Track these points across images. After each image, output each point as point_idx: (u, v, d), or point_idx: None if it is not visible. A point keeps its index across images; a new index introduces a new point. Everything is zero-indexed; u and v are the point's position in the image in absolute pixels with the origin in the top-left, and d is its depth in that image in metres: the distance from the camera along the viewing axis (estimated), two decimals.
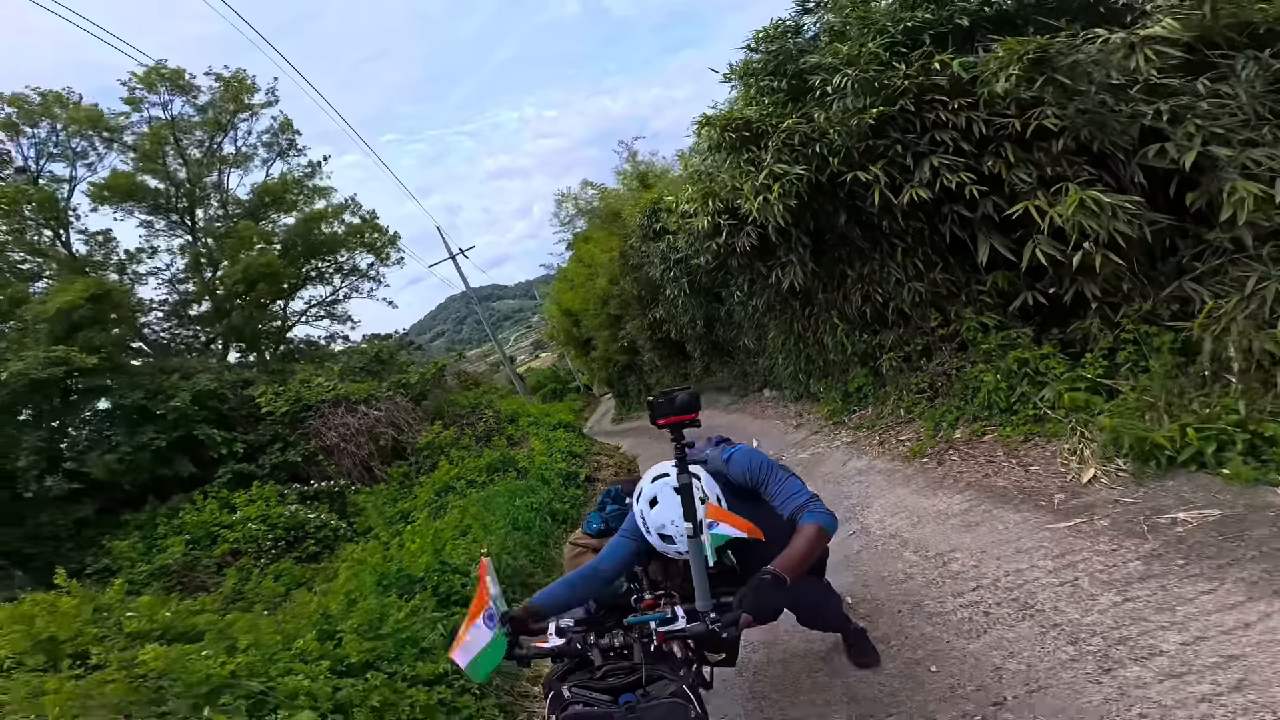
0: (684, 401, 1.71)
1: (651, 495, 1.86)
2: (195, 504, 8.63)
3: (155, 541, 8.26)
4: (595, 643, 1.65)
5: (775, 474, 2.00)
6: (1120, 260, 4.00)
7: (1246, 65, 3.89)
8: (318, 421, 9.45)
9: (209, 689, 2.43)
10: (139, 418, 9.14)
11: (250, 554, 7.91)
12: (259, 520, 8.24)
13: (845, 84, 5.05)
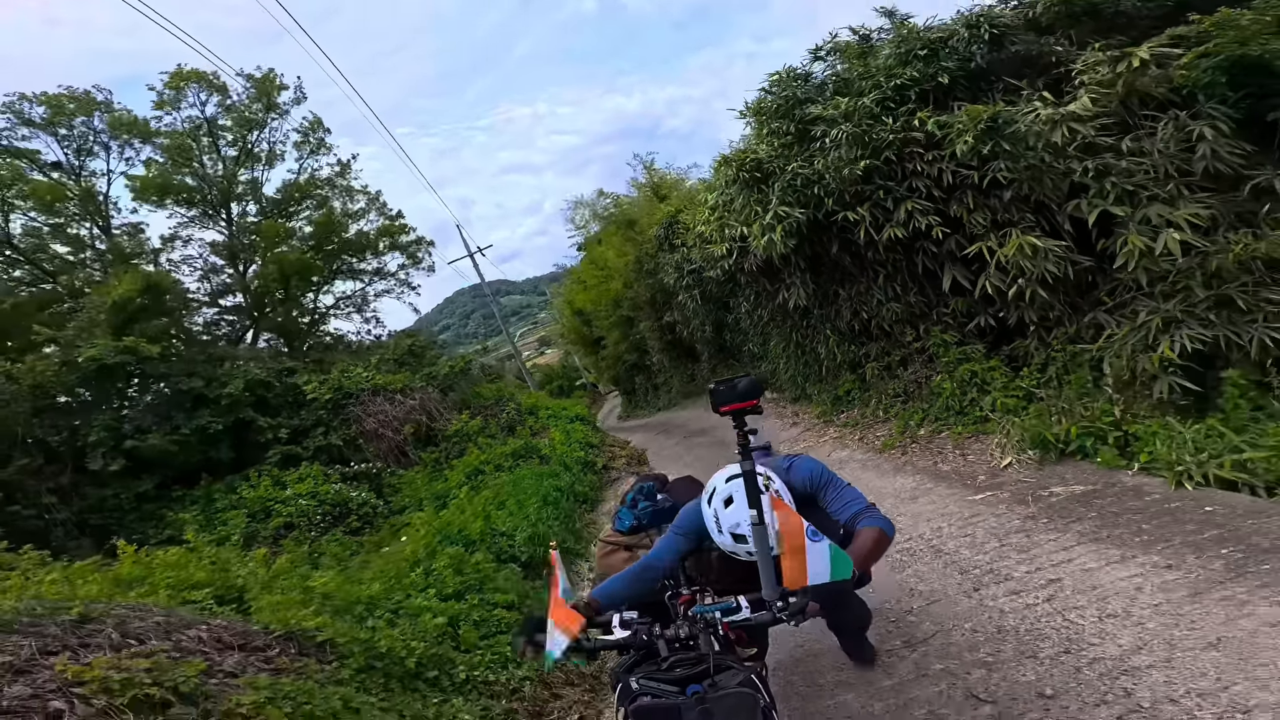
0: (746, 388, 1.70)
1: (727, 494, 1.88)
2: (250, 481, 9.76)
3: (215, 514, 9.40)
4: (661, 634, 1.64)
5: (835, 481, 2.07)
6: (1046, 294, 5.05)
7: (1166, 126, 4.90)
8: (358, 409, 10.58)
9: (363, 605, 3.50)
10: (195, 403, 10.30)
11: (302, 526, 9.02)
12: (309, 496, 9.36)
13: (841, 136, 6.10)
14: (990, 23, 6.09)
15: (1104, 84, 5.08)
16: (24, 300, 11.67)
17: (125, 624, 2.38)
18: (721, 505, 1.88)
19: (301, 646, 2.76)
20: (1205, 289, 4.31)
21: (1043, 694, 2.25)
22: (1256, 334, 4.05)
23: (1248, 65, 4.72)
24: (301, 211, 15.02)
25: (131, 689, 1.98)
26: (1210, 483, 3.29)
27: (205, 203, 13.92)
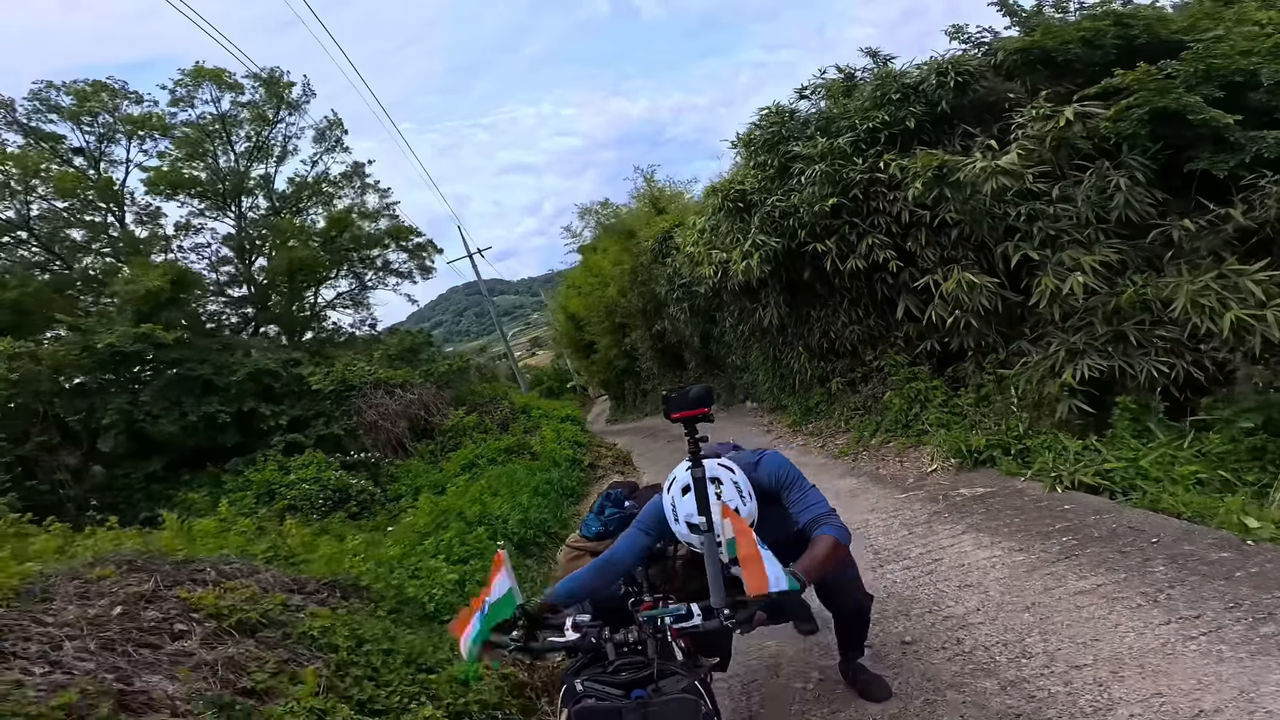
0: (697, 395, 1.77)
1: (685, 483, 1.91)
2: (256, 465, 10.48)
3: (223, 495, 10.13)
4: (610, 638, 1.67)
5: (801, 483, 2.10)
6: (980, 324, 5.89)
7: (1090, 176, 5.67)
8: (360, 401, 11.33)
9: (386, 564, 4.28)
10: (205, 389, 11.02)
11: (304, 509, 9.75)
12: (312, 481, 10.09)
13: (815, 174, 6.92)
14: (957, 70, 6.65)
15: (1036, 138, 5.90)
16: (42, 284, 12.35)
17: (217, 566, 3.16)
18: (679, 493, 1.91)
19: (344, 591, 3.54)
20: (1105, 325, 5.13)
21: (904, 641, 3.04)
22: (1147, 365, 4.88)
23: (1166, 117, 5.21)
24: (311, 208, 15.75)
25: (235, 614, 2.75)
26: (1076, 487, 4.13)
27: (217, 195, 14.62)
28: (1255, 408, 4.37)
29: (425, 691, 2.83)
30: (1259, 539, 3.04)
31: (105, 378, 11.12)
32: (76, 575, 2.77)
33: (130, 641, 2.35)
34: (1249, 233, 4.84)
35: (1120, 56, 6.04)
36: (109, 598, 2.61)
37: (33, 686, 1.81)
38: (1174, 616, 2.60)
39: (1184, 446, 4.19)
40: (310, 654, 2.75)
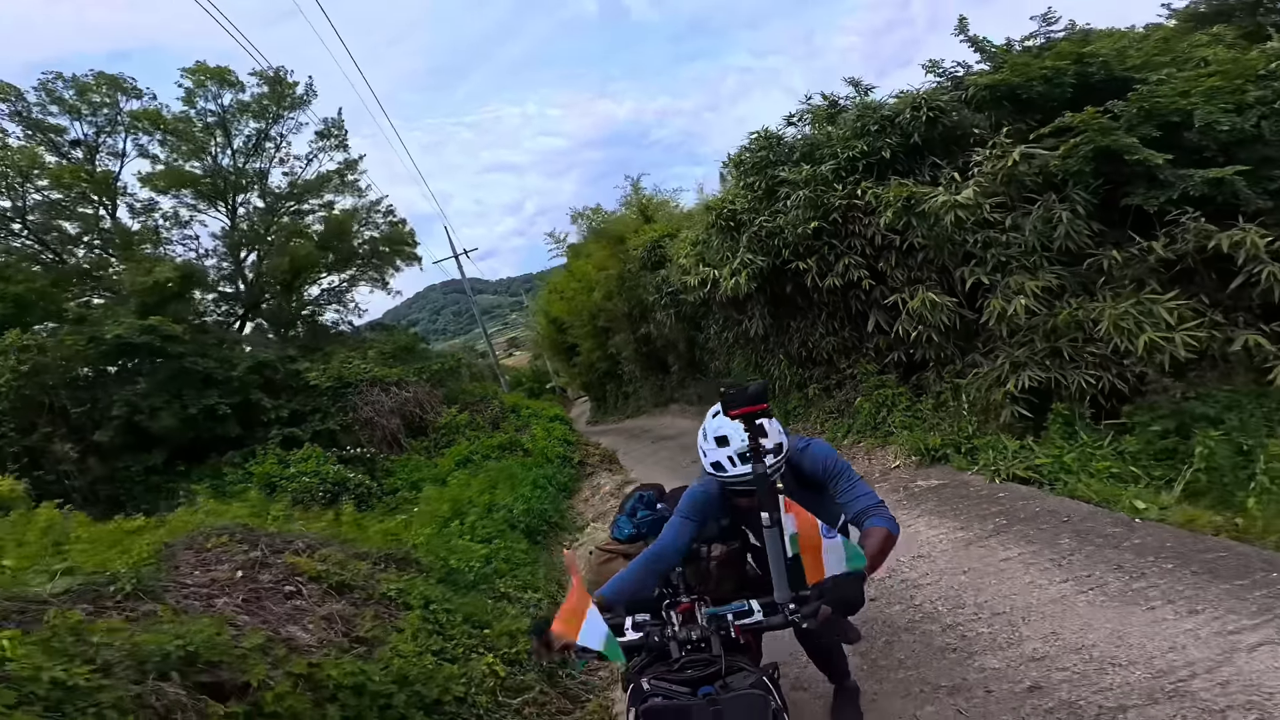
0: (755, 392, 1.76)
1: (720, 433, 1.95)
2: (255, 458, 10.92)
3: (225, 487, 10.55)
4: (673, 636, 1.66)
5: (849, 474, 2.08)
6: (940, 338, 6.73)
7: (1037, 209, 6.47)
8: (356, 397, 11.84)
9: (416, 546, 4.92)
10: (205, 382, 11.42)
11: (304, 502, 10.24)
12: (312, 474, 10.58)
13: (800, 199, 7.69)
14: (929, 105, 7.29)
15: (990, 175, 6.69)
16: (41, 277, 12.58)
17: (303, 539, 3.79)
18: (714, 445, 1.95)
19: (398, 563, 4.19)
20: (1044, 341, 6.00)
21: (870, 599, 3.81)
22: (1078, 377, 5.75)
23: (1107, 156, 5.85)
24: (310, 207, 16.10)
25: (331, 577, 3.40)
26: (1012, 479, 4.97)
27: (214, 191, 14.92)
28: (1167, 414, 5.25)
29: (483, 644, 3.51)
30: (1145, 518, 3.88)
31: (109, 369, 11.44)
32: (192, 545, 3.38)
33: (259, 599, 2.99)
34: (1170, 264, 5.69)
35: (1077, 93, 6.69)
36: (228, 563, 3.24)
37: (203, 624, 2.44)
38: (1071, 576, 3.41)
39: (1103, 446, 5.05)
40: (391, 612, 3.42)
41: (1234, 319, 5.26)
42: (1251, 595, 2.81)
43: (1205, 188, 5.37)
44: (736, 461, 1.92)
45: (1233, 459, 4.42)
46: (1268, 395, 4.76)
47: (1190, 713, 2.20)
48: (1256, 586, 2.88)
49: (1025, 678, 2.64)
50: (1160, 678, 2.42)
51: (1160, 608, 2.92)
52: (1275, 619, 2.60)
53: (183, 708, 1.83)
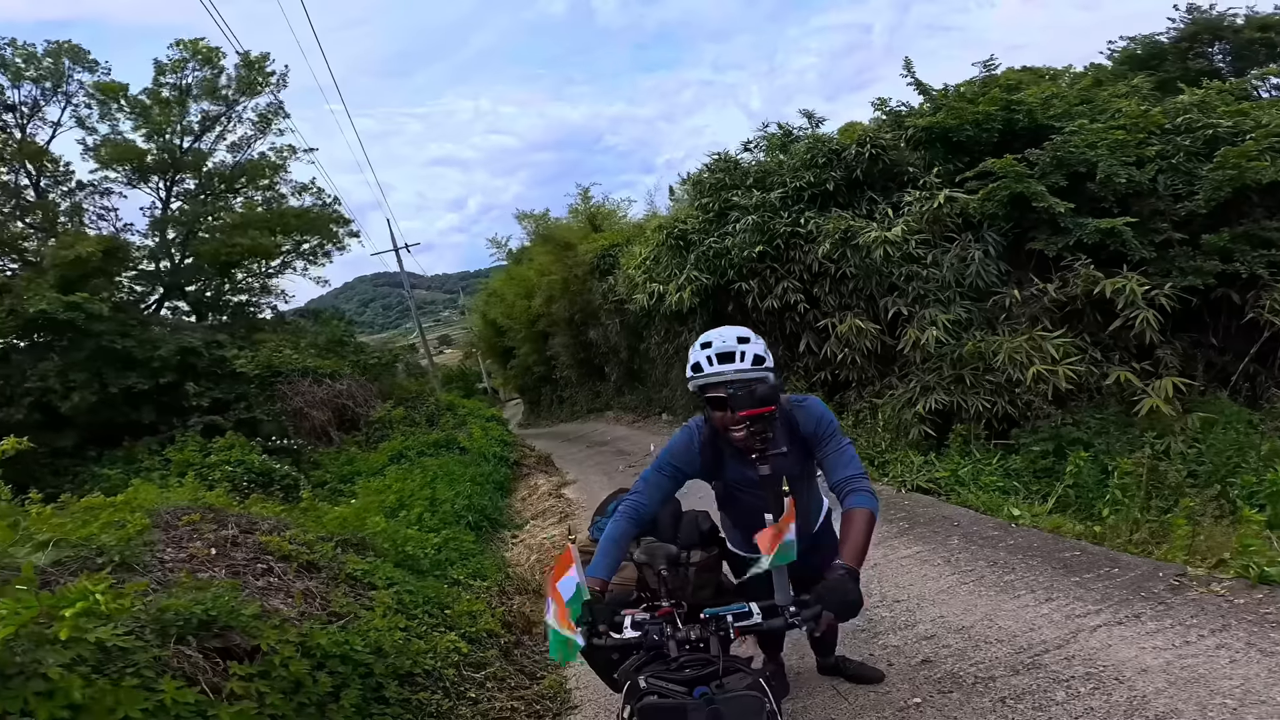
0: (764, 394, 1.77)
1: (707, 339, 1.98)
2: (175, 444, 10.46)
3: (140, 473, 10.05)
4: (672, 635, 1.68)
5: (840, 437, 2.04)
6: (863, 361, 7.45)
7: (954, 248, 7.21)
8: (286, 387, 11.55)
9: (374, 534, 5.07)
10: (126, 363, 10.86)
11: (220, 489, 9.89)
12: (235, 464, 10.24)
13: (748, 224, 8.27)
14: (874, 142, 7.93)
15: (918, 214, 7.42)
16: None
17: (267, 520, 3.92)
18: (698, 348, 1.97)
19: (355, 547, 4.36)
20: (951, 369, 6.79)
21: None
22: (976, 402, 6.56)
23: (1019, 201, 6.60)
24: (244, 190, 15.46)
25: (301, 557, 3.57)
26: (915, 489, 5.66)
27: (157, 167, 14.15)
28: (1047, 438, 6.10)
29: (444, 623, 3.77)
30: (1021, 524, 4.58)
31: (24, 345, 10.70)
32: (162, 523, 3.47)
33: (237, 574, 3.15)
34: (1061, 304, 6.53)
35: (1002, 138, 7.51)
36: (201, 541, 3.36)
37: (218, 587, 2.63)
38: (957, 570, 4.03)
39: (992, 463, 5.83)
40: (358, 591, 3.62)
41: (1110, 356, 6.17)
42: (1096, 586, 3.48)
43: (1098, 236, 6.17)
44: (714, 361, 1.91)
45: (1097, 476, 5.25)
46: (1132, 424, 5.65)
47: (1043, 681, 2.74)
48: (1100, 580, 3.55)
49: (919, 653, 3.16)
50: (1021, 653, 2.99)
51: (1024, 596, 3.54)
52: (1112, 605, 3.25)
53: (203, 670, 2.04)
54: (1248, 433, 4.99)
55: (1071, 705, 2.57)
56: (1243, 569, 3.25)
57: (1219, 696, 2.46)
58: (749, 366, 1.89)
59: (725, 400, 1.89)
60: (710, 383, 1.93)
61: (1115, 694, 2.59)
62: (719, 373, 1.90)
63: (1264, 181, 5.60)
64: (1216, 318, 5.99)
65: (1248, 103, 7.00)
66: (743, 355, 1.90)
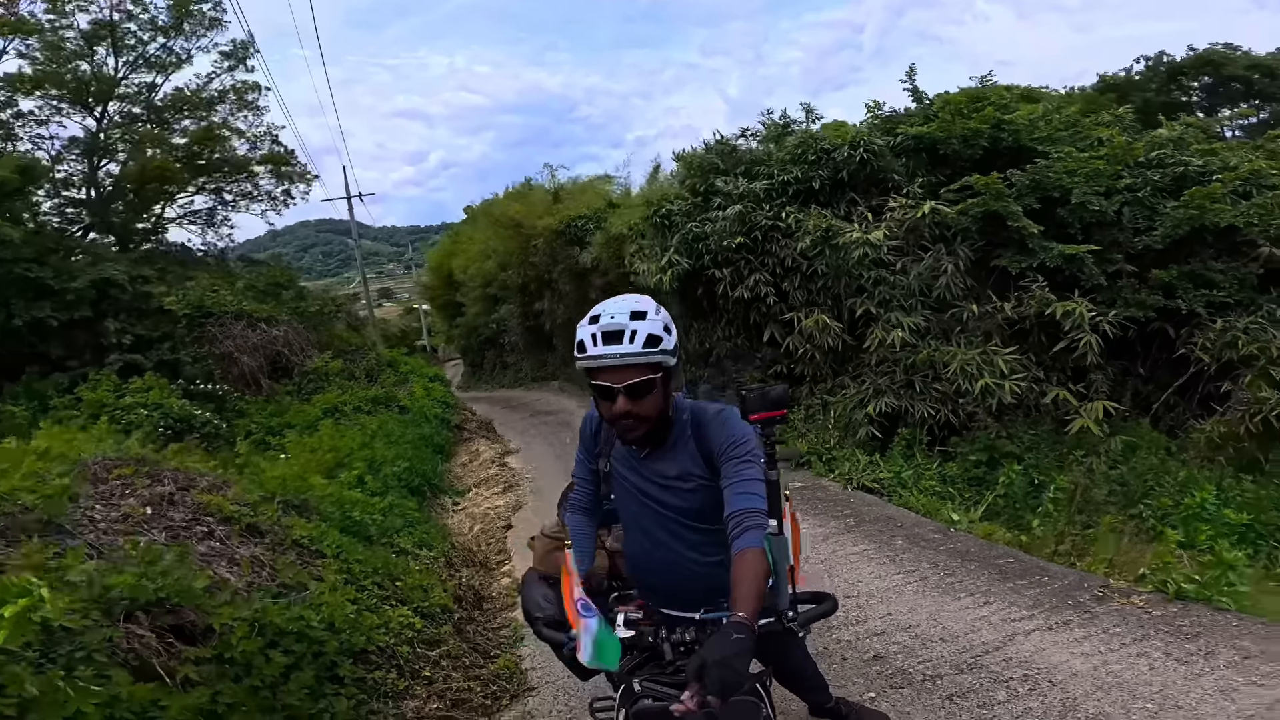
0: (777, 397, 1.66)
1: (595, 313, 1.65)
2: (88, 382, 9.66)
3: (48, 412, 9.23)
4: (666, 637, 1.64)
5: (757, 461, 1.69)
6: (821, 358, 7.61)
7: (927, 258, 7.35)
8: (217, 329, 10.83)
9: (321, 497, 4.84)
10: (39, 293, 9.92)
11: (138, 436, 9.24)
12: (152, 408, 9.56)
13: (731, 213, 8.22)
14: (865, 146, 7.95)
15: (899, 221, 7.52)
16: None
17: (205, 476, 3.67)
18: (586, 322, 1.65)
19: (298, 509, 4.15)
20: (903, 374, 7.04)
21: None
22: (922, 408, 6.83)
23: (993, 218, 6.82)
24: (187, 120, 14.24)
25: (244, 519, 3.36)
26: (860, 488, 5.89)
27: (87, 94, 12.82)
28: (982, 448, 6.44)
29: (395, 595, 3.66)
30: (959, 528, 4.85)
31: None
32: (89, 476, 3.19)
33: (178, 538, 2.94)
34: (1012, 322, 6.83)
35: (986, 155, 7.67)
36: (134, 498, 3.11)
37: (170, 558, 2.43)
38: (902, 570, 4.23)
39: (931, 468, 6.11)
40: (306, 559, 3.46)
41: (1050, 376, 6.53)
42: (1029, 593, 3.72)
43: (1060, 260, 6.45)
44: (599, 340, 1.58)
45: (1025, 489, 5.60)
46: (1061, 441, 6.03)
47: (985, 681, 2.93)
48: (1032, 586, 3.81)
49: (870, 649, 3.31)
50: (964, 653, 3.18)
51: (964, 598, 3.76)
52: (1044, 611, 3.49)
53: (156, 652, 1.88)
54: (1164, 459, 5.42)
55: (1012, 705, 2.75)
56: (1160, 584, 3.55)
57: (1141, 700, 2.69)
58: (639, 349, 1.56)
59: (610, 390, 1.60)
60: (592, 366, 1.61)
61: (1050, 695, 2.79)
62: (601, 355, 1.57)
63: (1221, 224, 5.98)
64: (1148, 349, 6.43)
65: (1220, 143, 7.41)
66: (633, 335, 1.57)
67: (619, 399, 1.60)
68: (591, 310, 1.68)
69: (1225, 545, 3.60)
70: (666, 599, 1.86)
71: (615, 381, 1.59)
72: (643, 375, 1.60)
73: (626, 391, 1.59)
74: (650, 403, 1.65)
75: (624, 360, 1.57)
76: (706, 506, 1.73)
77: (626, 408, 1.61)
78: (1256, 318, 5.56)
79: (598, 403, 1.72)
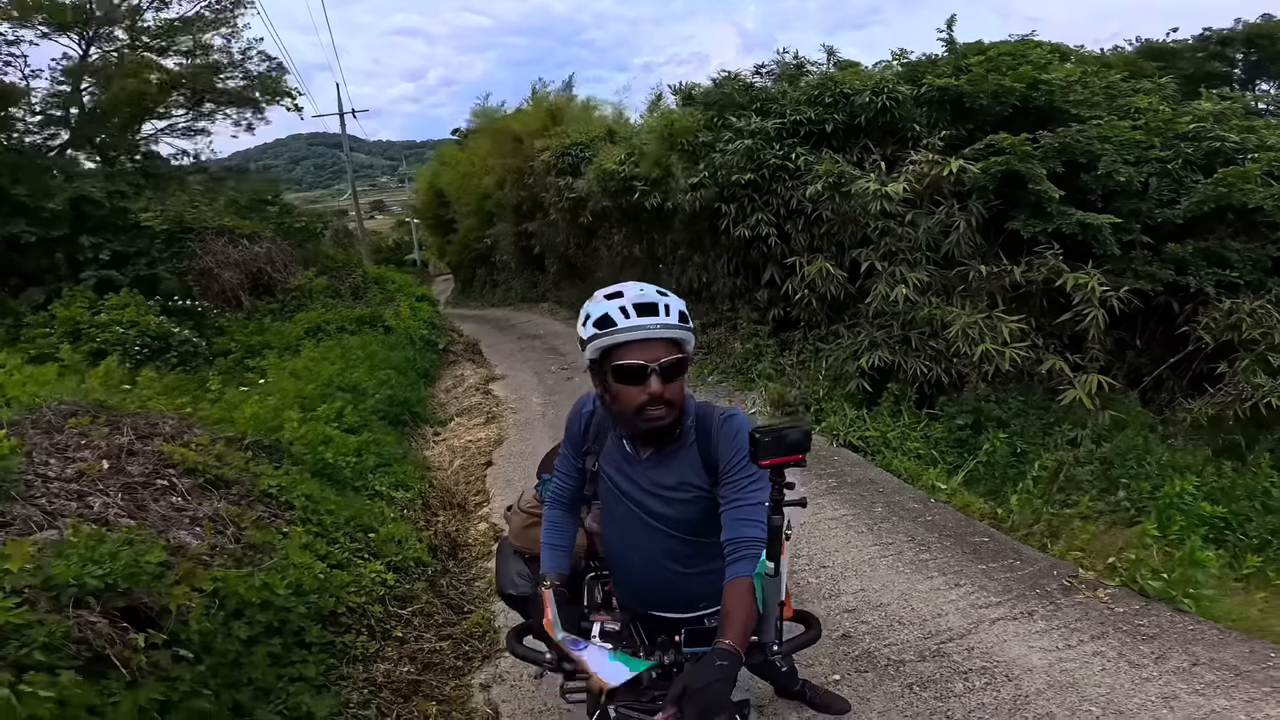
0: (795, 441, 1.41)
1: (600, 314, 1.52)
2: (62, 299, 9.36)
3: (22, 330, 8.98)
4: None
5: (756, 481, 1.60)
6: (817, 305, 7.43)
7: (939, 214, 7.03)
8: (197, 245, 10.44)
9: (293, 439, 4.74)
10: (14, 210, 9.48)
11: (116, 355, 9.01)
12: (128, 325, 9.29)
13: (740, 148, 7.82)
14: (889, 93, 7.53)
15: (920, 175, 7.10)
16: None
17: (168, 421, 3.54)
18: (602, 300, 1.55)
19: (269, 451, 4.07)
20: (900, 329, 6.89)
21: None
22: (915, 365, 6.72)
23: (1013, 179, 6.45)
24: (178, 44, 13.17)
25: (209, 470, 3.26)
26: (846, 445, 5.89)
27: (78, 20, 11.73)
28: (968, 411, 6.39)
29: (368, 549, 3.64)
30: (940, 498, 4.87)
31: None
32: (42, 425, 3.06)
33: (135, 496, 2.84)
34: (1018, 286, 6.62)
35: (1014, 113, 7.25)
36: (90, 451, 3.00)
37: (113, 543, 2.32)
38: (879, 541, 4.27)
39: (917, 429, 6.10)
40: (274, 511, 3.40)
41: (1049, 344, 6.39)
42: (999, 577, 3.76)
43: (1077, 228, 6.17)
44: (631, 312, 1.47)
45: (1007, 458, 5.59)
46: (1049, 410, 5.98)
47: (945, 671, 2.97)
48: (1004, 570, 3.85)
49: (840, 626, 3.36)
50: (929, 639, 3.22)
51: (936, 578, 3.80)
52: (1010, 599, 3.54)
53: (110, 640, 1.82)
54: (1148, 438, 5.40)
55: (967, 699, 2.80)
56: (1129, 579, 3.59)
57: (1087, 703, 2.74)
58: (675, 322, 1.49)
59: (643, 370, 1.47)
60: (627, 340, 1.47)
61: (1003, 690, 2.84)
62: (639, 326, 1.46)
63: (1249, 204, 5.72)
64: (1147, 322, 6.29)
65: (1260, 120, 7.04)
66: (667, 309, 1.49)
67: (652, 379, 1.47)
68: (599, 292, 1.56)
69: (1197, 541, 3.61)
70: (641, 599, 1.82)
71: (650, 359, 1.46)
72: (674, 354, 1.50)
73: (661, 371, 1.47)
74: (679, 387, 1.55)
75: (663, 333, 1.47)
76: (699, 519, 1.65)
77: (660, 389, 1.48)
78: (1264, 301, 5.40)
79: (616, 391, 1.54)
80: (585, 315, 1.53)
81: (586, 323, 1.52)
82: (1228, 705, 2.68)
